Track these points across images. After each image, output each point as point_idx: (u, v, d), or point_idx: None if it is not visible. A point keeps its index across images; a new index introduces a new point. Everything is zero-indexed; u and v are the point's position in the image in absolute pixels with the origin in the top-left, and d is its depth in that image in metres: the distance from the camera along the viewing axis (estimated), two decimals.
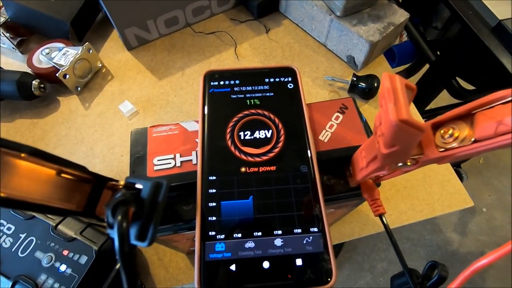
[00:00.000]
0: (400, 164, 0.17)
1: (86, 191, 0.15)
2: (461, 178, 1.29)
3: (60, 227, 0.33)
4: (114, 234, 0.12)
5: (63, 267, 0.30)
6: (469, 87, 0.82)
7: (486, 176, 1.42)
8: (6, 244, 0.32)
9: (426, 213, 0.41)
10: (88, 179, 0.15)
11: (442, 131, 0.16)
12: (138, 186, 0.14)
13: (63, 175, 0.14)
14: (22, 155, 0.12)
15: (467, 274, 0.16)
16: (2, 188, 0.11)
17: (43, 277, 0.30)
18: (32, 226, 0.33)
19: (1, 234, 0.32)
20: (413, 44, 0.87)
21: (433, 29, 0.87)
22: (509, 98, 0.13)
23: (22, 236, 0.32)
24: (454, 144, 0.15)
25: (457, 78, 0.81)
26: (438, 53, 0.82)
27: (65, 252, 0.31)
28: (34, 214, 0.33)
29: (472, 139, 0.14)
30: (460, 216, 1.32)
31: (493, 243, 1.25)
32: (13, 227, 0.32)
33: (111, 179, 0.16)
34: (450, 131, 0.15)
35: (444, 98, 0.88)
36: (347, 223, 0.40)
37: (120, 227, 0.12)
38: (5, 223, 0.33)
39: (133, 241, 0.13)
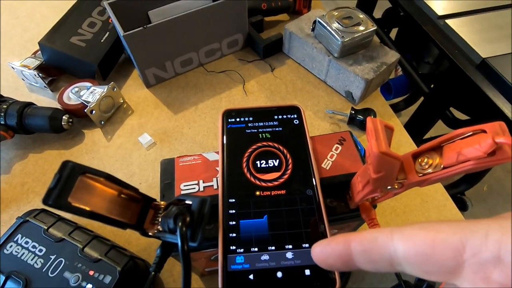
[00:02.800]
0: (389, 187, 0.21)
1: (137, 209, 0.19)
2: (465, 206, 1.30)
3: (86, 249, 0.36)
4: (176, 236, 0.15)
5: (89, 286, 0.33)
6: (464, 117, 0.87)
7: (491, 203, 1.42)
8: (37, 264, 0.35)
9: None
10: (138, 199, 0.19)
11: (419, 160, 0.20)
12: (188, 202, 0.18)
13: (122, 195, 0.17)
14: (101, 179, 0.16)
15: None
16: (87, 204, 0.15)
17: None
18: (61, 248, 0.36)
19: (33, 255, 0.35)
20: (407, 78, 0.94)
21: (425, 64, 0.94)
22: (467, 134, 0.17)
23: (52, 257, 0.35)
24: (429, 170, 0.19)
25: (452, 108, 0.86)
26: (432, 86, 0.87)
27: (91, 272, 0.34)
28: (64, 237, 0.36)
29: (442, 166, 0.18)
30: None
31: None
32: (44, 249, 0.35)
33: (155, 200, 0.20)
34: (426, 160, 0.19)
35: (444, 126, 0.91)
36: None
37: (181, 230, 0.15)
38: (37, 245, 0.36)
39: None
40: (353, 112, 0.52)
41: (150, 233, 0.20)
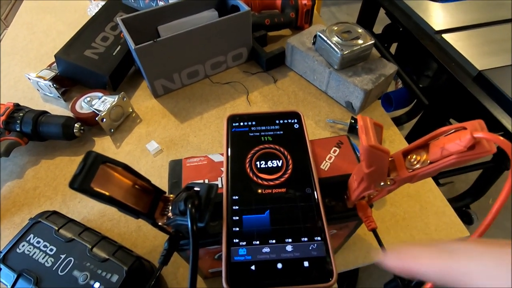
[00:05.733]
0: (382, 183, 0.22)
1: (148, 200, 0.20)
2: (471, 219, 1.28)
3: (95, 249, 0.37)
4: (187, 217, 0.17)
5: (96, 285, 0.34)
6: None
7: (497, 217, 1.40)
8: (48, 263, 0.36)
9: (425, 242, 0.44)
10: (150, 190, 0.21)
11: (409, 157, 0.21)
12: (196, 188, 0.20)
13: (136, 186, 0.19)
14: (119, 169, 0.17)
15: None
16: (107, 190, 0.16)
17: None
18: (71, 248, 0.37)
19: (44, 254, 0.37)
20: (407, 90, 0.96)
21: (425, 77, 0.96)
22: (450, 132, 0.19)
23: (62, 256, 0.36)
24: (418, 166, 0.20)
25: (452, 120, 0.88)
26: (432, 98, 0.89)
27: (99, 271, 0.35)
28: (74, 237, 0.37)
29: (428, 161, 0.20)
30: None
31: None
32: (54, 249, 0.37)
33: (165, 192, 0.22)
34: (414, 157, 0.21)
35: None
36: (351, 251, 0.43)
37: (191, 211, 0.17)
38: (48, 245, 0.37)
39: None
40: (353, 121, 0.54)
41: (159, 223, 0.22)
